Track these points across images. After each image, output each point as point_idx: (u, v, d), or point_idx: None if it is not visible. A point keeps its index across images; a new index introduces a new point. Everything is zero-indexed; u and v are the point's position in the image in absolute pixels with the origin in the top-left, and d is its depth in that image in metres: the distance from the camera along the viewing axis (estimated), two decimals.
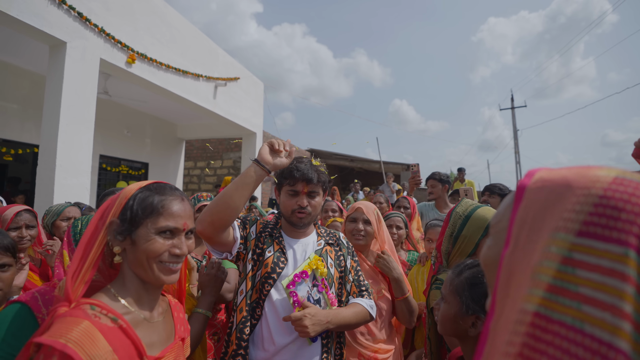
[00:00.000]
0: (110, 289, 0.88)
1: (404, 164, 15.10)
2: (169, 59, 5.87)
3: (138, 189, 0.92)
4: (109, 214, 0.88)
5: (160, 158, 9.32)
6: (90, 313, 0.78)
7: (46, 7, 3.97)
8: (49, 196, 4.07)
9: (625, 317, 0.33)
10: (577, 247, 0.37)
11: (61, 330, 0.71)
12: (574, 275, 0.36)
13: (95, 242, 0.85)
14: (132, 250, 0.88)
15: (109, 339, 0.75)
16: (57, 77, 4.21)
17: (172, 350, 0.92)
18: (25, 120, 6.13)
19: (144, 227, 0.87)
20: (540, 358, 0.35)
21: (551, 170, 0.45)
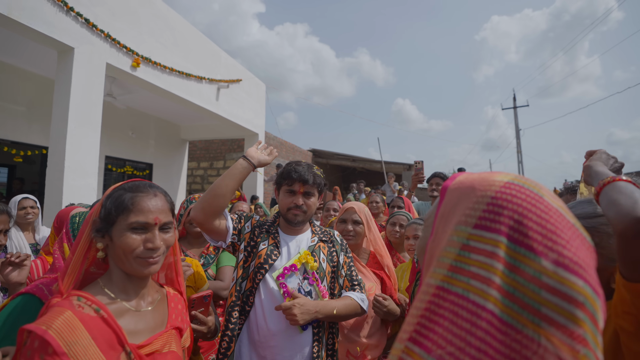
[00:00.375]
0: (99, 282, 0.94)
1: (405, 163, 15.17)
2: (172, 62, 6.01)
3: (114, 188, 0.98)
4: (92, 214, 0.95)
5: (164, 159, 9.49)
6: (75, 304, 0.84)
7: (55, 15, 4.12)
8: (58, 196, 4.23)
9: (493, 285, 0.43)
10: (472, 236, 0.47)
11: (46, 319, 0.78)
12: (469, 258, 0.46)
13: (81, 241, 0.93)
14: (111, 246, 0.93)
15: (89, 327, 0.81)
16: (65, 81, 4.37)
17: (161, 337, 0.95)
18: (34, 122, 6.30)
19: (117, 224, 0.92)
20: (438, 319, 0.46)
21: (468, 174, 0.55)
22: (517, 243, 0.44)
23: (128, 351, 0.85)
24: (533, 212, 0.45)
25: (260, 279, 1.50)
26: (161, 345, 0.94)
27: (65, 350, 0.75)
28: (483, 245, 0.45)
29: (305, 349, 1.47)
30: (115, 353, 0.83)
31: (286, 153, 13.25)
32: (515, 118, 20.58)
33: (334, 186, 9.88)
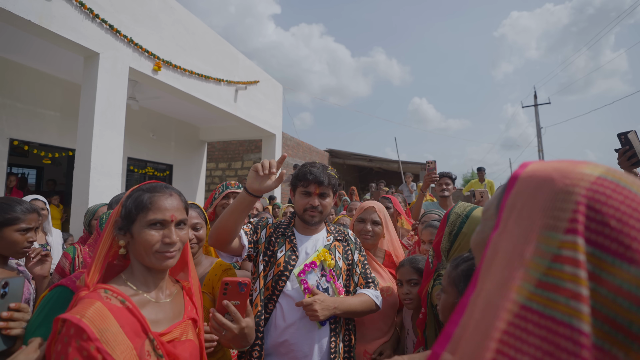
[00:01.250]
0: (122, 276, 1.03)
1: (423, 163, 15.00)
2: (192, 65, 6.14)
3: (133, 190, 1.07)
4: (113, 214, 1.04)
5: (183, 160, 9.69)
6: (103, 296, 0.92)
7: (82, 22, 4.28)
8: (85, 197, 4.38)
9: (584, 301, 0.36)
10: (565, 244, 0.39)
11: (79, 309, 0.86)
12: (562, 272, 0.38)
13: (103, 239, 1.02)
14: (132, 243, 1.02)
15: (117, 317, 0.89)
16: (91, 85, 4.53)
17: (179, 327, 1.03)
18: (60, 126, 6.55)
19: (137, 222, 1.00)
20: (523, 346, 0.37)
21: (543, 162, 0.48)
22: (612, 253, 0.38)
23: (151, 338, 0.93)
24: (634, 217, 0.38)
25: (282, 285, 1.52)
26: (179, 334, 1.02)
27: (98, 337, 0.83)
28: (576, 254, 0.38)
29: (323, 344, 1.50)
30: (140, 340, 0.91)
31: (303, 153, 13.31)
32: (537, 116, 20.04)
33: (351, 186, 9.87)
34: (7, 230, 1.42)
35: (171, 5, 5.78)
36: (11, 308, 1.04)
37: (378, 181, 10.47)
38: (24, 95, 5.98)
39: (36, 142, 6.34)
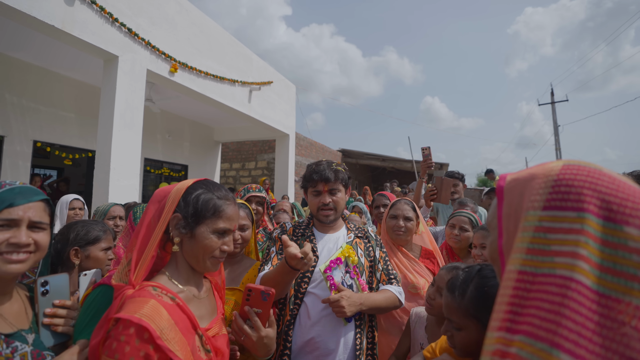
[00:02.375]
0: (165, 273, 1.00)
1: (437, 163, 14.85)
2: (207, 67, 6.22)
3: (195, 186, 1.03)
4: (164, 211, 0.99)
5: (198, 160, 9.82)
6: (154, 293, 0.90)
7: (102, 26, 4.39)
8: (105, 196, 4.49)
9: (581, 258, 0.44)
10: (544, 217, 0.48)
11: (135, 307, 0.84)
12: (546, 238, 0.47)
13: (151, 236, 0.97)
14: (189, 243, 0.99)
15: (171, 313, 0.88)
16: (111, 88, 4.64)
17: (217, 322, 1.05)
18: (81, 127, 6.72)
19: (204, 225, 0.99)
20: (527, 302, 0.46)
21: (517, 172, 0.57)
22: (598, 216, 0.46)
23: (200, 334, 0.95)
24: (601, 184, 0.47)
25: (305, 286, 1.53)
26: (218, 329, 1.04)
27: (159, 335, 0.82)
28: (559, 223, 0.47)
29: (349, 341, 1.50)
30: (191, 336, 0.91)
31: (316, 153, 13.33)
32: (554, 114, 19.60)
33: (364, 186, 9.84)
34: (92, 249, 1.49)
35: (187, 8, 5.87)
36: (55, 305, 1.05)
37: (391, 181, 10.40)
38: (46, 98, 6.16)
39: (57, 144, 6.52)
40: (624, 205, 0.45)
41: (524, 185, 0.53)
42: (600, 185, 0.47)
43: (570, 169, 0.51)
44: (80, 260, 1.46)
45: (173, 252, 1.03)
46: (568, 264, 0.45)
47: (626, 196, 0.46)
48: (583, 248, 0.45)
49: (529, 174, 0.54)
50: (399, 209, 2.05)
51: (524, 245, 0.49)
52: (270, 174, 11.63)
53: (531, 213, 0.50)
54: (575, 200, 0.47)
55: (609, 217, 0.45)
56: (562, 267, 0.45)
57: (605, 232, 0.45)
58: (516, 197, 0.53)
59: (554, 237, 0.47)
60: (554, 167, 0.52)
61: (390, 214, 2.09)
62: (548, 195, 0.49)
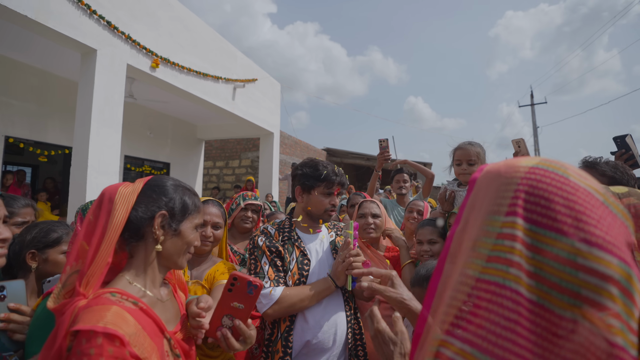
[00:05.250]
0: (124, 276, 0.92)
1: (420, 162, 15.03)
2: (190, 63, 6.10)
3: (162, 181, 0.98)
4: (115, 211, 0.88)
5: (180, 158, 9.64)
6: (114, 299, 0.83)
7: (79, 18, 4.23)
8: (82, 195, 4.34)
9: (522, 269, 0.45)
10: (506, 224, 0.48)
11: (95, 317, 0.76)
12: (502, 246, 0.47)
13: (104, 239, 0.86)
14: (172, 241, 0.95)
15: (137, 319, 0.82)
16: (89, 82, 4.48)
17: (182, 324, 1.01)
18: (57, 123, 6.49)
19: (188, 221, 0.97)
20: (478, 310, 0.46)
21: (496, 163, 0.56)
22: (544, 227, 0.45)
23: (168, 338, 0.90)
24: (559, 195, 0.46)
25: None
26: (184, 332, 1.00)
27: (129, 341, 0.76)
28: (514, 231, 0.47)
29: (342, 337, 1.55)
30: (159, 340, 0.87)
31: (300, 152, 13.29)
32: (533, 115, 20.14)
33: (349, 185, 9.87)
34: (51, 252, 1.39)
35: (169, 2, 5.73)
36: (10, 308, 1.01)
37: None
38: (19, 92, 5.92)
39: (32, 140, 6.28)
40: (577, 218, 0.44)
41: (490, 181, 0.53)
42: (559, 195, 0.46)
43: (536, 173, 0.49)
44: (37, 264, 1.35)
45: (134, 253, 0.95)
46: (515, 275, 0.45)
47: (582, 209, 0.45)
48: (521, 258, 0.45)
49: (497, 170, 0.53)
50: (366, 207, 2.11)
51: (486, 252, 0.48)
52: (254, 173, 11.53)
53: (495, 218, 0.49)
54: (532, 211, 0.47)
55: (559, 228, 0.44)
56: (512, 279, 0.45)
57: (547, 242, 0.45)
58: (482, 191, 0.53)
59: (510, 245, 0.46)
60: (520, 169, 0.51)
61: (359, 214, 2.13)
62: (510, 200, 0.48)
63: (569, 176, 0.48)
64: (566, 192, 0.46)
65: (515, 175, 0.50)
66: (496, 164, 0.55)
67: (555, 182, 0.47)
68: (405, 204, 3.32)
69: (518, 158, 0.54)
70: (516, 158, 0.54)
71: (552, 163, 0.50)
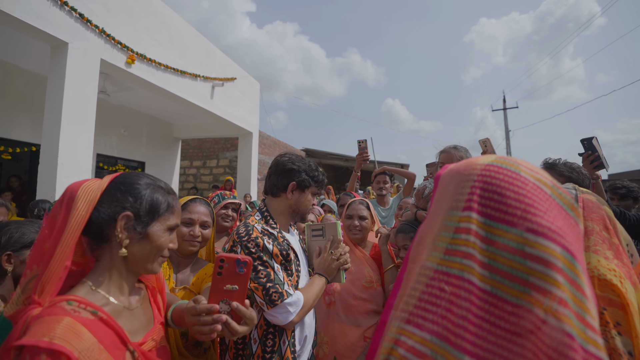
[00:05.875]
0: (87, 282, 0.85)
1: (398, 163, 15.28)
2: (167, 60, 5.94)
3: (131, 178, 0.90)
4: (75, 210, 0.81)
5: (156, 157, 9.36)
6: (69, 309, 0.75)
7: (49, 9, 4.03)
8: (51, 195, 4.13)
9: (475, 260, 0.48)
10: (462, 218, 0.51)
11: (42, 329, 0.69)
12: (459, 239, 0.50)
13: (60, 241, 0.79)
14: (139, 245, 0.87)
15: (93, 331, 0.74)
16: (59, 77, 4.28)
17: (154, 333, 0.93)
18: (23, 119, 6.15)
19: (159, 223, 0.89)
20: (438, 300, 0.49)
21: (458, 162, 0.59)
22: (496, 220, 0.48)
23: (131, 350, 0.82)
24: (510, 190, 0.49)
25: None
26: (155, 342, 0.92)
27: (79, 357, 0.69)
28: (469, 224, 0.50)
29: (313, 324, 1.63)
30: (120, 353, 0.79)
31: (280, 152, 13.21)
32: (505, 119, 20.86)
33: (327, 185, 9.89)
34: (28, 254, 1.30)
35: None
36: None
37: None
38: None
39: None
40: (526, 210, 0.47)
41: (452, 178, 0.55)
42: (510, 189, 0.49)
43: (490, 170, 0.52)
44: (14, 267, 1.28)
45: (100, 257, 0.88)
46: (467, 266, 0.48)
47: (531, 202, 0.48)
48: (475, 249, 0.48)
49: (457, 168, 0.56)
50: (354, 209, 2.13)
51: (444, 245, 0.51)
52: (232, 173, 11.36)
53: (453, 213, 0.52)
54: (485, 205, 0.49)
55: (509, 221, 0.47)
56: (466, 269, 0.48)
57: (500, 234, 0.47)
58: (444, 187, 0.56)
59: (465, 238, 0.49)
60: (477, 166, 0.53)
61: (346, 214, 2.17)
62: (467, 195, 0.51)
63: (520, 172, 0.51)
64: (517, 186, 0.49)
65: (472, 172, 0.53)
66: (457, 164, 0.58)
67: (507, 177, 0.50)
68: (386, 204, 3.37)
69: (477, 157, 0.57)
70: (475, 157, 0.57)
71: (506, 160, 0.53)
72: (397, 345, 0.50)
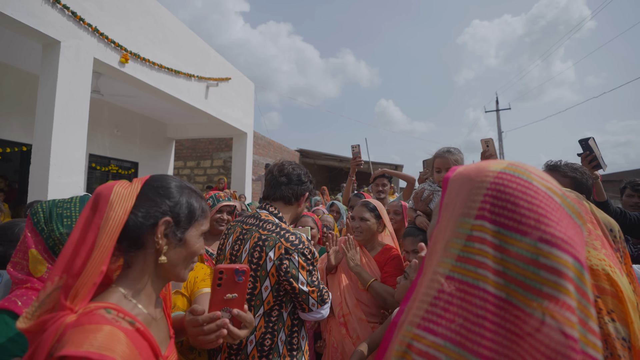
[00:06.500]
0: (119, 289, 0.81)
1: (392, 164, 15.33)
2: (161, 59, 5.89)
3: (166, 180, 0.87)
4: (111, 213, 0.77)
5: (149, 157, 9.28)
6: (110, 317, 0.72)
7: (40, 6, 3.98)
8: (43, 194, 4.07)
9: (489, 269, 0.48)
10: (475, 227, 0.51)
11: (86, 338, 0.65)
12: (472, 248, 0.50)
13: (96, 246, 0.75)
14: (175, 251, 0.84)
15: (133, 342, 0.71)
16: (51, 76, 4.22)
17: (172, 346, 0.91)
18: (12, 118, 6.06)
19: (194, 228, 0.87)
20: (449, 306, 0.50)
21: (467, 165, 0.59)
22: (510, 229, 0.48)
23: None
24: (524, 199, 0.49)
25: None
26: (175, 355, 0.91)
27: None
28: (483, 234, 0.50)
29: None
30: None
31: (274, 153, 13.18)
32: (498, 120, 21.06)
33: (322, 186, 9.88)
34: None
35: None
36: None
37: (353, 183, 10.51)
38: None
39: None
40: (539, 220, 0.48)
41: (463, 184, 0.55)
42: (523, 199, 0.49)
43: (503, 178, 0.52)
44: None
45: (132, 265, 0.84)
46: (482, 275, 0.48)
47: (544, 212, 0.48)
48: (498, 264, 0.48)
49: (468, 173, 0.56)
50: (357, 210, 2.17)
51: (456, 251, 0.51)
52: (226, 173, 11.31)
53: (465, 220, 0.52)
54: (499, 214, 0.50)
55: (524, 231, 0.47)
56: (481, 279, 0.48)
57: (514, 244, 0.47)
58: (454, 192, 0.56)
59: (479, 248, 0.50)
60: (490, 173, 0.54)
61: (351, 215, 2.23)
62: (480, 204, 0.52)
63: (532, 180, 0.51)
64: (530, 195, 0.50)
65: (484, 179, 0.53)
66: (467, 166, 0.58)
67: (520, 186, 0.51)
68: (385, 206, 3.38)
69: (487, 162, 0.57)
70: (486, 162, 0.57)
71: (517, 168, 0.53)
72: (409, 349, 0.50)
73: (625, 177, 17.62)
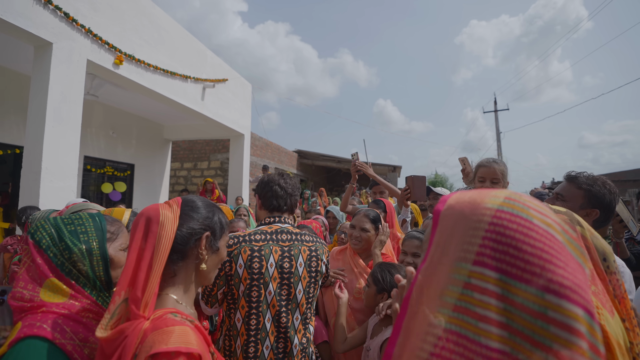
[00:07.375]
0: (170, 295, 0.95)
1: (390, 165, 15.29)
2: (157, 60, 5.82)
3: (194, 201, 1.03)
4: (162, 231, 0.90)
5: (146, 159, 9.20)
6: (178, 319, 0.86)
7: (31, 7, 3.90)
8: (34, 199, 4.00)
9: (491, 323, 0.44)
10: (473, 274, 0.47)
11: (169, 337, 0.78)
12: (472, 298, 0.46)
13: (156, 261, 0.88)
14: (211, 258, 1.02)
15: (197, 336, 0.85)
16: (43, 78, 4.14)
17: None
18: (4, 120, 5.97)
19: (222, 239, 1.06)
20: None
21: (459, 196, 0.54)
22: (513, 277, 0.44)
23: (212, 352, 0.93)
24: (527, 243, 0.45)
25: None
26: None
27: (204, 358, 0.82)
28: (484, 283, 0.46)
29: None
30: (209, 356, 0.89)
31: (272, 154, 13.12)
32: (496, 121, 21.05)
33: (320, 187, 9.83)
34: None
35: None
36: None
37: (347, 182, 10.49)
38: None
39: None
40: (546, 268, 0.44)
41: (456, 221, 0.51)
42: (527, 243, 0.46)
43: (502, 218, 0.48)
44: None
45: (177, 273, 0.98)
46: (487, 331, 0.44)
47: (549, 257, 0.44)
48: (501, 315, 0.44)
49: (461, 209, 0.52)
50: (358, 220, 2.16)
51: (452, 300, 0.47)
52: (224, 175, 11.24)
53: (462, 265, 0.48)
54: (501, 260, 0.46)
55: (530, 280, 0.44)
56: (485, 335, 0.44)
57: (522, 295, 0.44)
58: (448, 230, 0.51)
59: (479, 298, 0.46)
60: (487, 212, 0.49)
61: (350, 224, 2.21)
62: (478, 247, 0.47)
63: (532, 219, 0.47)
64: (533, 238, 0.46)
65: (481, 219, 0.49)
66: (460, 199, 0.53)
67: (521, 227, 0.47)
68: None
69: (481, 194, 0.52)
70: (479, 194, 0.52)
71: (515, 203, 0.49)
72: None
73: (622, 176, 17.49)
